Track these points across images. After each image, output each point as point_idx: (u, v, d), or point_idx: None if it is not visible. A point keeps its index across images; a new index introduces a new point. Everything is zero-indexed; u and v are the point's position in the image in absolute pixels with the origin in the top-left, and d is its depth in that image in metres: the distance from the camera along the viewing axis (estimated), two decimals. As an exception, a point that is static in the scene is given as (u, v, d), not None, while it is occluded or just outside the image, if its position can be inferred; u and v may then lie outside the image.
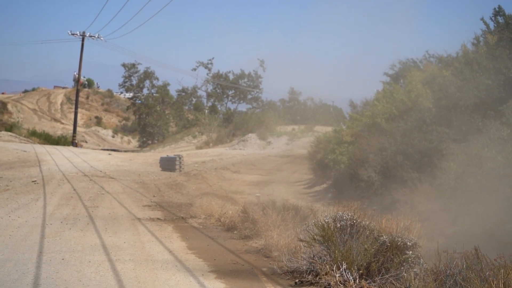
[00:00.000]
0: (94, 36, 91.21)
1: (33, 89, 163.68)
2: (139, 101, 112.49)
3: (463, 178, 21.29)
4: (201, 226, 24.14)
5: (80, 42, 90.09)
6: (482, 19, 35.56)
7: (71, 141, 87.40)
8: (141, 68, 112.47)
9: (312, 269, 15.24)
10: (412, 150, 29.24)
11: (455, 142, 26.54)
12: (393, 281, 13.06)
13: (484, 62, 29.71)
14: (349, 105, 55.96)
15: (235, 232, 22.69)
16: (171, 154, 56.53)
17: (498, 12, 34.90)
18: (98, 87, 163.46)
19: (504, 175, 19.51)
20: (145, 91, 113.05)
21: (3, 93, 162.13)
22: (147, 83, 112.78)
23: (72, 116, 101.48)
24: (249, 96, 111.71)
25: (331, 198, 36.01)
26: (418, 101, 32.33)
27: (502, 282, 9.18)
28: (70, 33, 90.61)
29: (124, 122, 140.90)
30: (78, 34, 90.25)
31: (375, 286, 13.24)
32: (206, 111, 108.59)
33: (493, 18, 35.23)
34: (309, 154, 52.31)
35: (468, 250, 11.17)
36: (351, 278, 13.72)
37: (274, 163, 59.94)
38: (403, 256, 13.62)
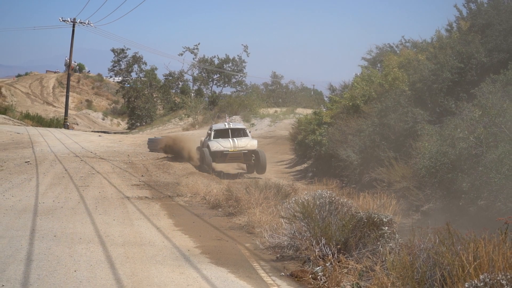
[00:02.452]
0: (85, 23, 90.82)
1: (26, 74, 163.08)
2: (128, 85, 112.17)
3: (437, 157, 21.36)
4: (187, 204, 24.21)
5: (71, 29, 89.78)
6: (455, 6, 35.78)
7: (63, 123, 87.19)
8: (129, 53, 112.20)
9: (293, 244, 15.35)
10: (389, 131, 29.37)
11: (430, 123, 26.69)
12: (370, 255, 13.13)
13: (457, 47, 29.82)
14: (328, 89, 56.07)
15: (220, 209, 22.78)
16: (158, 136, 56.43)
17: (471, -1, 35.07)
18: (88, 71, 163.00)
19: (476, 154, 19.61)
20: (133, 75, 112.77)
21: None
22: (135, 67, 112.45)
23: (63, 99, 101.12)
24: (233, 80, 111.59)
25: (312, 177, 36.16)
26: (394, 84, 32.49)
27: (472, 255, 9.26)
28: (61, 20, 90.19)
29: (113, 105, 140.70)
30: (69, 21, 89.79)
31: (352, 260, 13.30)
32: (192, 94, 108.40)
33: (465, 5, 35.41)
34: (290, 135, 52.37)
35: (441, 226, 11.23)
36: (329, 252, 13.81)
37: (258, 144, 60.02)
38: (379, 232, 13.68)
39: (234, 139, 39.49)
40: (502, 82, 23.28)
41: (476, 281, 8.08)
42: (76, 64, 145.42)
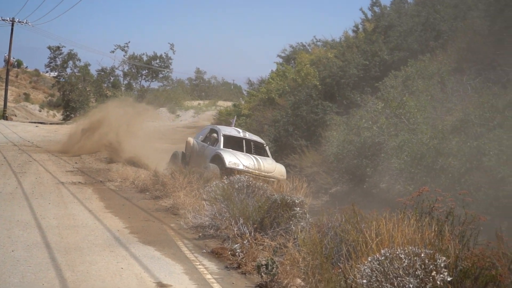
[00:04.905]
0: (23, 22, 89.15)
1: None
2: (63, 80, 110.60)
3: (344, 145, 21.61)
4: (117, 189, 23.97)
5: (10, 27, 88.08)
6: (361, 9, 36.26)
7: (1, 115, 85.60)
8: (65, 50, 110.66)
9: (214, 224, 15.36)
10: (301, 122, 29.65)
11: (338, 115, 27.00)
12: (283, 234, 13.25)
13: (363, 46, 30.25)
14: (247, 83, 56.25)
15: (147, 193, 22.62)
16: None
17: (375, 3, 35.57)
18: (26, 67, 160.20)
19: (379, 142, 19.88)
20: (68, 70, 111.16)
21: None
22: (70, 63, 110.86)
23: (2, 93, 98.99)
24: (161, 75, 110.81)
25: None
26: (306, 79, 32.75)
27: (374, 232, 9.36)
28: (0, 19, 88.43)
29: (50, 98, 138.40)
30: (8, 20, 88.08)
31: (267, 238, 13.40)
32: (123, 88, 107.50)
33: (370, 8, 35.91)
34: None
35: (347, 206, 11.34)
36: (247, 231, 13.83)
37: (182, 133, 59.44)
38: (292, 212, 13.79)
39: (257, 157, 25.12)
40: (402, 78, 23.68)
41: (378, 255, 8.15)
42: (14, 60, 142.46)
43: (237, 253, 12.78)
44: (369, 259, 8.24)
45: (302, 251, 10.75)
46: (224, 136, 25.92)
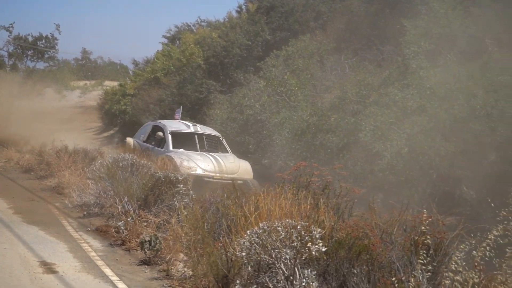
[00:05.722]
0: None
1: None
2: None
3: (228, 123, 21.78)
4: (1, 169, 23.48)
5: None
6: (244, -11, 36.45)
7: None
8: None
9: (99, 202, 15.27)
10: (186, 100, 29.70)
11: (221, 93, 27.24)
12: (167, 210, 13.33)
13: (246, 26, 30.48)
14: (132, 63, 55.95)
15: (32, 173, 22.30)
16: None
17: (257, -17, 35.75)
18: None
19: (261, 120, 20.13)
20: None
21: None
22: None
23: None
24: (46, 56, 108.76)
25: (117, 142, 35.80)
26: (191, 58, 32.83)
27: (253, 207, 9.50)
28: None
29: None
30: None
31: (151, 214, 13.44)
32: (8, 69, 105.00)
33: (253, -12, 36.11)
34: (98, 105, 51.71)
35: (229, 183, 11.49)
36: (131, 208, 13.84)
37: (68, 113, 58.39)
38: (176, 189, 13.89)
39: (216, 156, 19.88)
40: (283, 57, 24.03)
41: (256, 229, 8.28)
42: None
43: (121, 230, 12.76)
44: (248, 233, 8.36)
45: (185, 226, 10.83)
46: (172, 133, 20.97)
